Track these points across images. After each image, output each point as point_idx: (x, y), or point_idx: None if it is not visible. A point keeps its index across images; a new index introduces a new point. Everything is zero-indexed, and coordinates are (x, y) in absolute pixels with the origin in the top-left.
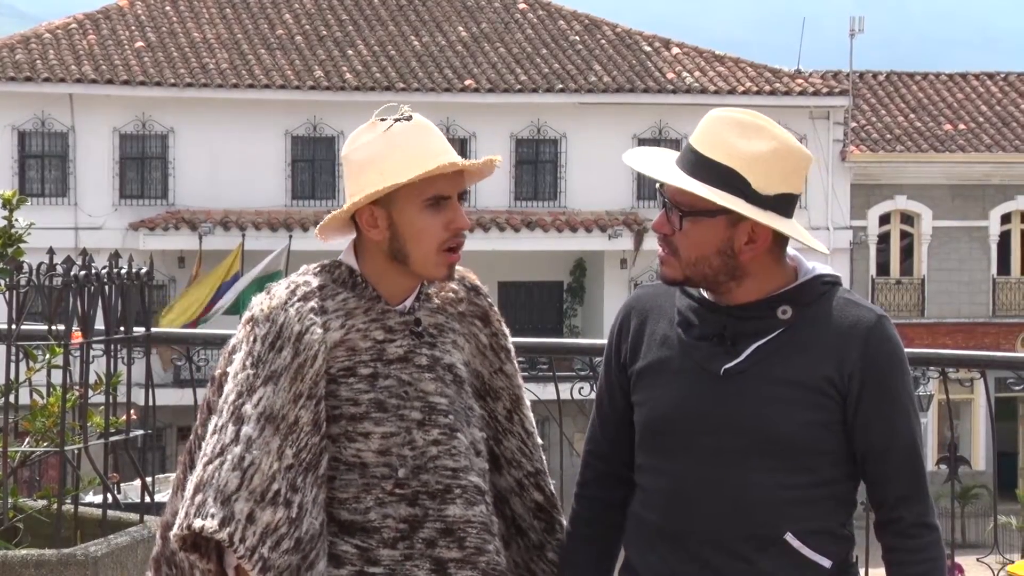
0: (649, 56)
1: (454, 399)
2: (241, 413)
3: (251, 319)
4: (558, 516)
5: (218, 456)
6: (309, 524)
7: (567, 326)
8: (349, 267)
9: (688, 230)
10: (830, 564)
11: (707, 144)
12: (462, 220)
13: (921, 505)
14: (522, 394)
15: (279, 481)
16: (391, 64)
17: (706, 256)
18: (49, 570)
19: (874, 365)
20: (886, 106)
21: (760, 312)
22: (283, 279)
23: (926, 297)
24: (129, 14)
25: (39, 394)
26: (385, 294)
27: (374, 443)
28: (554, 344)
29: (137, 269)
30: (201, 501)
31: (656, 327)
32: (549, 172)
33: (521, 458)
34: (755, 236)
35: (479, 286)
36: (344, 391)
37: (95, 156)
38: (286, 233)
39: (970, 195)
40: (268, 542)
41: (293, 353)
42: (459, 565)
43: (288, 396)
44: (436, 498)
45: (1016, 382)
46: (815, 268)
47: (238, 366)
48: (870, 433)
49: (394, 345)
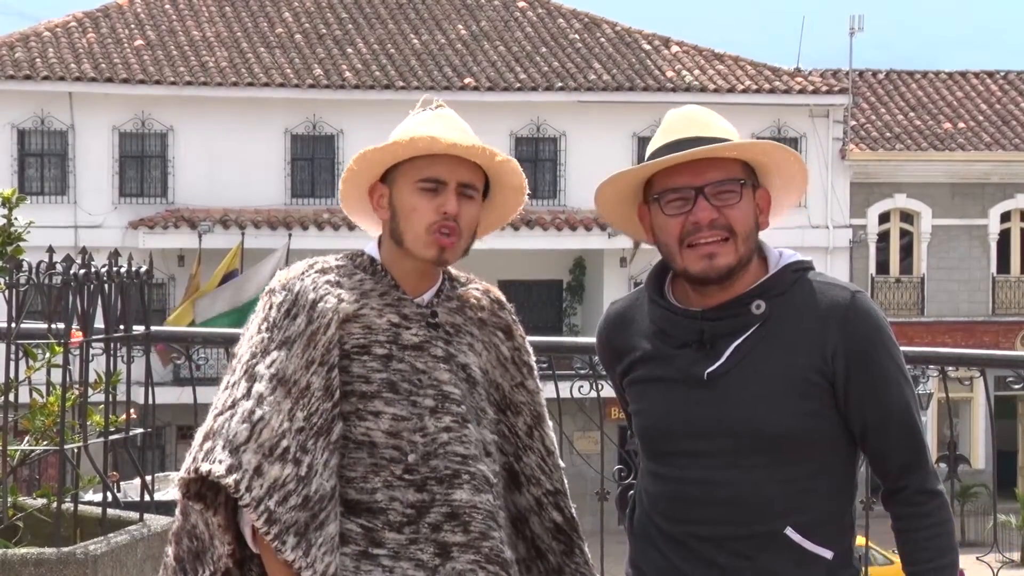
0: (649, 54)
1: (466, 395)
2: (254, 372)
3: (270, 290)
4: (578, 540)
5: (229, 408)
6: (319, 485)
7: (567, 324)
8: (371, 256)
9: (738, 204)
10: (831, 555)
11: (693, 128)
12: (450, 204)
13: (923, 472)
14: (543, 412)
15: (288, 439)
16: (391, 62)
17: (752, 229)
18: (49, 569)
19: (856, 342)
20: (886, 104)
21: (734, 311)
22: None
23: (926, 296)
24: (129, 12)
25: (39, 393)
26: (403, 285)
27: (384, 423)
28: (553, 343)
29: (137, 268)
30: (210, 448)
31: (635, 341)
32: (549, 170)
33: (540, 476)
34: (762, 206)
35: (504, 301)
36: (357, 367)
37: (95, 154)
38: (286, 231)
39: (970, 193)
40: (275, 496)
41: (307, 320)
42: (462, 549)
43: (301, 362)
44: (444, 483)
45: (1016, 381)
46: (783, 255)
47: (253, 330)
48: (864, 409)
49: (410, 332)
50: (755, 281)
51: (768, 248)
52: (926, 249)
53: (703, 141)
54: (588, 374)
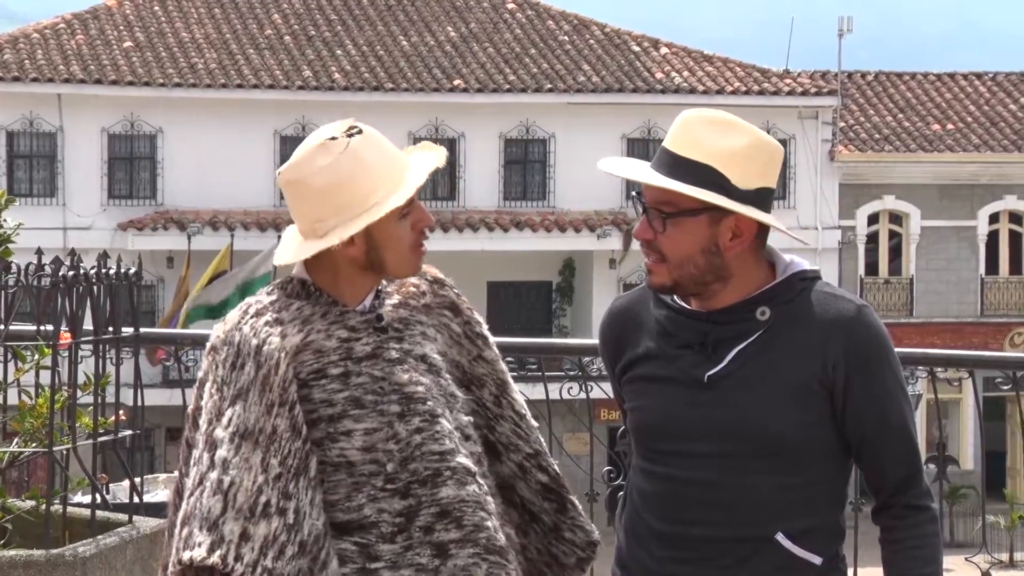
0: (638, 56)
1: (431, 387)
2: (213, 439)
3: (211, 348)
4: (567, 495)
5: (198, 486)
6: (311, 526)
7: (556, 326)
8: (300, 279)
9: (672, 232)
10: (820, 561)
11: (682, 144)
12: (427, 218)
13: (918, 488)
14: (507, 378)
15: (267, 493)
16: (380, 64)
17: (691, 256)
18: (37, 571)
19: (858, 355)
20: (875, 106)
21: (739, 315)
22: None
23: (914, 297)
24: (118, 14)
25: (28, 395)
26: (342, 298)
27: (357, 440)
28: (543, 344)
29: (126, 269)
30: (187, 533)
31: (637, 337)
32: (538, 172)
33: (517, 441)
34: (739, 231)
35: (442, 278)
36: (317, 393)
37: (84, 156)
38: (275, 233)
39: (958, 195)
40: (270, 553)
41: (256, 366)
42: (460, 545)
43: (261, 409)
44: (427, 484)
45: (1005, 382)
46: (792, 263)
47: (206, 396)
48: (861, 422)
49: (360, 343)
50: (759, 286)
51: (777, 254)
52: (915, 250)
53: (680, 162)
54: (577, 375)
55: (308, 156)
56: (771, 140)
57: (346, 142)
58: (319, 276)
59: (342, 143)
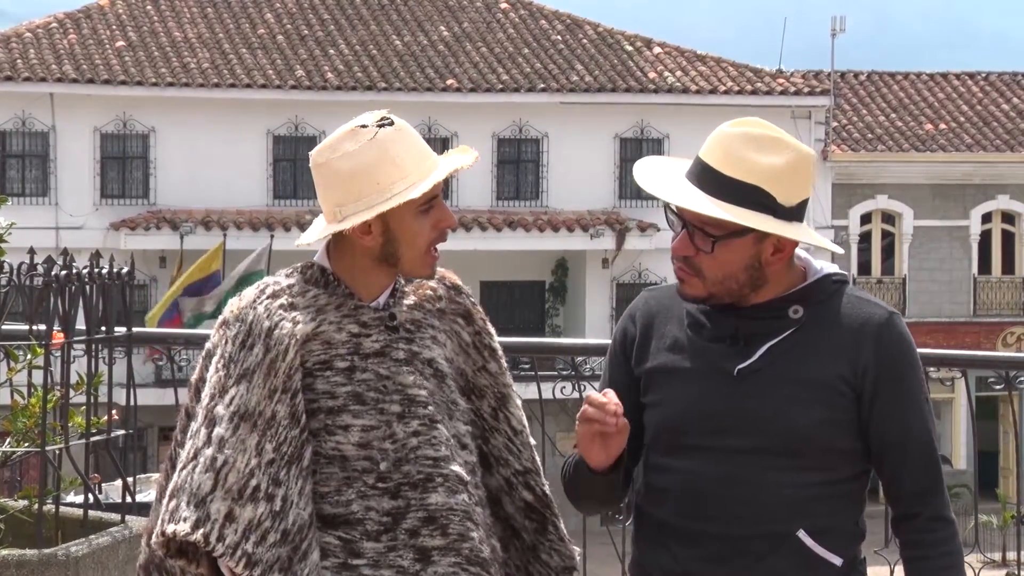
0: (631, 55)
1: (434, 392)
2: (213, 415)
3: (223, 322)
4: (551, 516)
5: (191, 460)
6: (296, 515)
7: (549, 326)
8: (321, 267)
9: (718, 252)
10: (840, 562)
11: (726, 162)
12: (450, 218)
13: (938, 500)
14: (509, 392)
15: (258, 477)
16: (373, 64)
17: (734, 274)
18: (30, 570)
19: (888, 362)
20: (867, 106)
21: (772, 312)
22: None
23: (907, 296)
24: (110, 13)
25: (20, 394)
26: (359, 292)
27: (354, 436)
28: (536, 344)
29: (118, 269)
30: (174, 507)
31: (665, 329)
32: (531, 172)
33: (508, 456)
34: (782, 245)
35: (460, 285)
36: (320, 384)
37: (76, 156)
38: (268, 233)
39: (951, 195)
40: (252, 537)
41: (264, 349)
42: (442, 552)
43: (263, 392)
44: (418, 488)
45: (997, 381)
46: (823, 267)
47: (212, 370)
48: (886, 430)
49: (370, 340)
50: (790, 286)
51: (808, 258)
52: (908, 250)
53: (724, 181)
54: (571, 375)
55: (337, 141)
56: (807, 150)
57: (375, 131)
58: (338, 265)
59: (371, 131)
